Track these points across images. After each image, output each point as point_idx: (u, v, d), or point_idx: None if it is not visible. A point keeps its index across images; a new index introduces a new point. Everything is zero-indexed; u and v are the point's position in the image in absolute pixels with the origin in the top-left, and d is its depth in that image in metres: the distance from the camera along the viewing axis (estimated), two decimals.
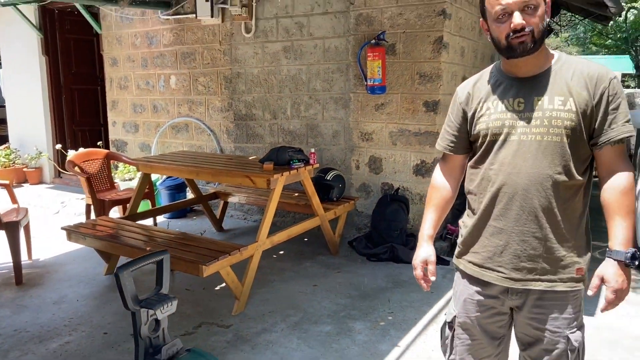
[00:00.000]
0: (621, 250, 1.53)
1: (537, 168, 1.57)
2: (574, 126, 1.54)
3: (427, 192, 1.87)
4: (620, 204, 1.56)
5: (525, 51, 1.51)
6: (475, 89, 1.70)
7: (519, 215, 1.61)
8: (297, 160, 3.75)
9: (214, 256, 3.07)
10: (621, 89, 1.57)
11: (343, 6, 4.54)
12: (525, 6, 1.48)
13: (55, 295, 3.65)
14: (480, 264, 1.71)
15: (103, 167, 4.85)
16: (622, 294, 1.56)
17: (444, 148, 1.80)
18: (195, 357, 1.90)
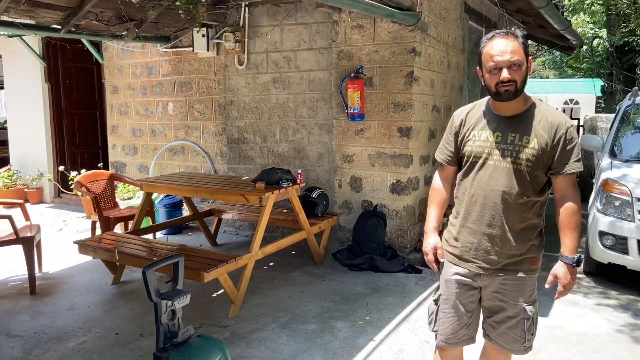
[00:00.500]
0: (569, 256, 2.07)
1: (505, 187, 2.08)
2: (534, 160, 2.04)
3: (429, 194, 2.36)
4: (569, 222, 2.07)
5: (509, 97, 2.01)
6: (467, 117, 2.21)
7: (489, 221, 2.12)
8: (286, 180, 4.24)
9: (214, 264, 3.52)
10: (575, 135, 2.07)
11: (326, 43, 5.10)
12: (512, 64, 1.96)
13: (67, 302, 4.05)
14: (459, 255, 2.23)
15: (107, 187, 5.28)
16: (569, 286, 2.11)
17: (442, 160, 2.30)
18: (205, 340, 2.34)
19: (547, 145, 2.03)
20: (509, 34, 2.00)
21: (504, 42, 1.97)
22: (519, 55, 1.96)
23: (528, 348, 2.28)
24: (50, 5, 4.44)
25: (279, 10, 5.27)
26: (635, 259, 4.34)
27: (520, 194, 2.08)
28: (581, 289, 4.57)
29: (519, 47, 1.98)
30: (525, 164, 2.05)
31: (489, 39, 2.04)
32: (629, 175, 4.61)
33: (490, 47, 1.99)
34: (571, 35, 7.49)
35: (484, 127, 2.14)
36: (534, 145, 2.04)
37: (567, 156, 2.05)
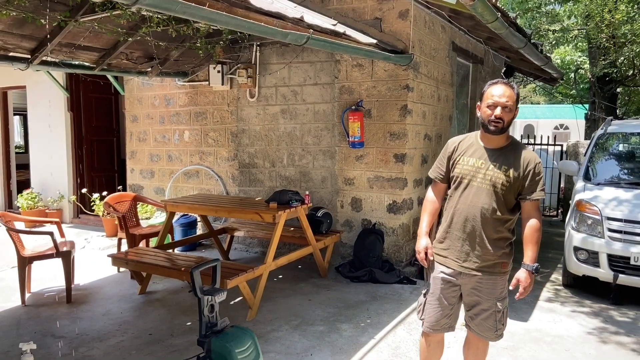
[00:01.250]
0: (530, 264, 2.59)
1: (484, 204, 2.60)
2: (508, 185, 2.58)
3: (423, 204, 2.89)
4: (532, 237, 2.60)
5: (496, 132, 2.56)
6: (459, 145, 2.74)
7: (470, 231, 2.64)
8: (296, 201, 4.80)
9: (235, 273, 4.05)
10: (542, 170, 2.61)
11: (329, 79, 5.74)
12: (505, 106, 2.52)
13: (101, 309, 4.55)
14: (445, 255, 2.75)
15: (131, 207, 5.83)
16: (528, 289, 2.62)
17: (435, 177, 2.84)
18: (238, 329, 2.85)
19: (519, 175, 2.57)
20: (509, 84, 2.57)
21: (504, 88, 2.55)
22: (512, 101, 2.53)
23: (499, 336, 2.80)
24: (89, 47, 5.07)
25: (287, 50, 5.93)
26: (606, 271, 4.88)
27: (495, 211, 2.59)
28: (559, 299, 5.10)
29: (514, 96, 2.55)
30: (500, 188, 2.58)
31: (493, 83, 2.61)
32: (600, 197, 5.20)
33: (494, 88, 2.56)
34: (551, 69, 8.18)
35: (472, 154, 2.67)
36: (509, 174, 2.57)
37: (534, 186, 2.59)
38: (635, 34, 9.38)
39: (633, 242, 4.77)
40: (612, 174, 5.73)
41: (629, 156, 6.09)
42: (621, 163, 5.96)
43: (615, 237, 4.85)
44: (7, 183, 9.07)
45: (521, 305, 4.87)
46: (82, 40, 4.88)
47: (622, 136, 6.19)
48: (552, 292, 5.33)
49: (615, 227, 4.87)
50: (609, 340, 4.12)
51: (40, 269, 5.42)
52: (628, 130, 6.20)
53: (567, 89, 14.71)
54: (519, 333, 4.21)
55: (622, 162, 5.98)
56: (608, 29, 9.84)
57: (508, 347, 3.92)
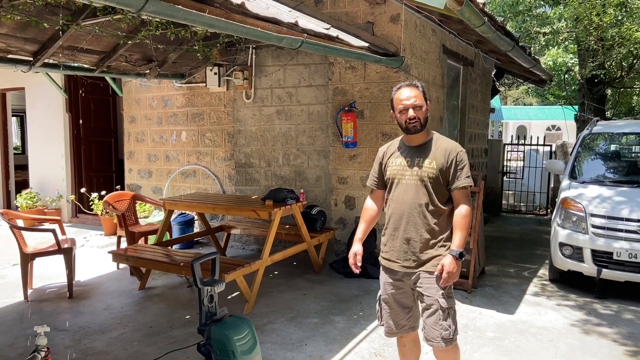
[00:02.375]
0: (455, 250, 2.58)
1: (413, 199, 2.65)
2: (434, 177, 2.63)
3: (361, 212, 2.93)
4: (459, 223, 2.61)
5: (416, 131, 2.64)
6: (387, 150, 2.82)
7: (405, 228, 2.67)
8: (291, 199, 4.97)
9: (232, 268, 4.21)
10: (465, 157, 2.67)
11: (323, 81, 5.91)
12: (415, 106, 2.61)
13: (102, 304, 4.70)
14: (388, 258, 2.75)
15: (130, 206, 5.97)
16: (452, 275, 2.56)
17: (370, 184, 2.89)
18: (236, 319, 3.00)
19: (443, 166, 2.62)
20: (412, 85, 2.66)
21: (409, 90, 2.63)
22: (420, 99, 2.62)
23: (447, 340, 2.64)
24: (90, 50, 5.21)
25: (282, 53, 6.09)
26: (590, 266, 5.07)
27: (427, 205, 2.62)
28: (545, 293, 5.29)
29: (420, 94, 2.64)
30: (428, 180, 2.61)
31: (397, 88, 2.68)
32: (584, 195, 5.39)
33: (399, 94, 2.65)
34: (539, 71, 8.40)
35: (399, 155, 2.73)
36: (433, 166, 2.62)
37: (459, 174, 2.63)
38: (623, 37, 9.60)
39: (615, 238, 4.96)
40: (596, 173, 5.93)
41: (613, 155, 6.30)
42: (605, 162, 6.17)
43: (599, 233, 5.04)
44: (5, 183, 9.19)
45: (508, 299, 5.06)
46: (83, 44, 5.02)
47: (607, 136, 6.40)
48: (538, 286, 5.51)
49: (598, 223, 5.05)
50: (592, 331, 4.30)
51: (42, 266, 5.56)
52: (613, 130, 6.41)
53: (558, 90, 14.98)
54: (505, 325, 4.39)
55: (607, 161, 6.19)
56: (596, 32, 10.05)
57: (494, 337, 4.10)
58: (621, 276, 4.95)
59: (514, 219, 9.86)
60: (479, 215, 5.32)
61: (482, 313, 4.65)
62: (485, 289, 5.35)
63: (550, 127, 27.09)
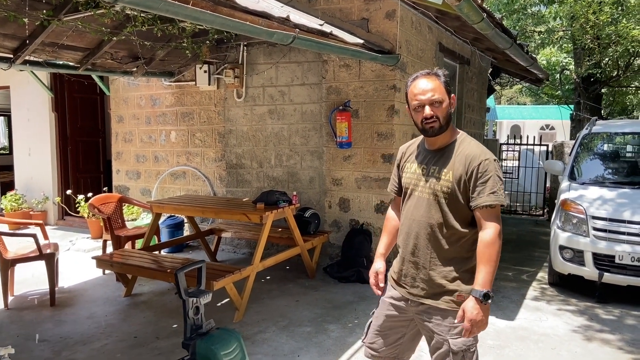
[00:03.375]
0: (477, 289, 2.01)
1: (424, 217, 2.16)
2: (450, 191, 2.10)
3: (384, 223, 2.54)
4: (483, 255, 2.03)
5: (434, 133, 2.12)
6: (407, 150, 2.36)
7: (413, 251, 2.21)
8: (283, 201, 4.78)
9: (221, 275, 4.02)
10: (492, 167, 2.07)
11: (317, 80, 5.73)
12: (433, 102, 2.08)
13: (86, 312, 4.49)
14: (396, 280, 2.33)
15: (116, 208, 5.76)
16: (476, 324, 2.01)
17: (390, 190, 2.47)
18: (224, 332, 2.83)
19: (461, 177, 2.08)
20: (431, 74, 2.12)
21: (425, 81, 2.10)
22: (439, 93, 2.08)
23: None
24: (73, 47, 5.00)
25: (275, 50, 5.90)
26: (591, 269, 4.93)
27: (441, 226, 2.12)
28: (545, 297, 5.14)
29: (440, 85, 2.10)
30: (442, 196, 2.10)
31: (412, 79, 2.16)
32: (585, 196, 5.25)
33: (414, 87, 2.13)
34: (536, 70, 8.26)
35: (415, 160, 2.26)
36: (448, 178, 2.10)
37: (481, 189, 2.06)
38: (620, 35, 9.50)
39: (617, 241, 4.83)
40: (596, 174, 5.79)
41: (613, 156, 6.16)
42: (606, 162, 6.03)
43: (600, 236, 4.91)
44: None
45: (507, 304, 4.91)
46: (65, 40, 4.81)
47: (606, 136, 6.27)
48: (538, 290, 5.37)
49: (599, 225, 4.92)
50: (594, 338, 4.15)
51: (25, 271, 5.34)
52: (612, 130, 6.28)
53: (552, 90, 14.90)
54: (505, 332, 4.23)
55: (607, 161, 6.05)
56: (592, 30, 9.96)
57: (494, 345, 3.94)
58: (623, 280, 4.82)
59: (510, 220, 9.73)
60: None
61: None
62: None
63: (544, 127, 27.10)
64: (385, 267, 2.41)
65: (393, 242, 2.47)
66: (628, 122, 6.91)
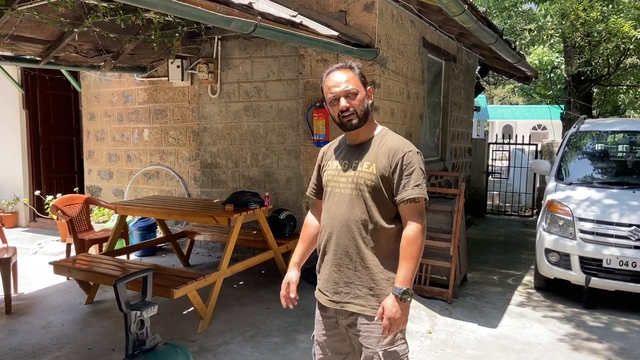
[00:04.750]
0: (397, 287, 1.93)
1: (347, 215, 2.03)
2: (373, 185, 2.00)
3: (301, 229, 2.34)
4: (405, 251, 1.96)
5: (353, 127, 2.04)
6: (328, 149, 2.24)
7: (335, 251, 2.07)
8: (254, 203, 4.52)
9: (183, 282, 3.75)
10: (415, 159, 2.01)
11: (293, 75, 5.46)
12: (348, 93, 2.01)
13: (42, 321, 4.21)
14: (319, 287, 2.17)
15: (82, 210, 5.47)
16: (395, 322, 1.92)
17: (309, 194, 2.32)
18: (171, 348, 2.57)
19: (385, 170, 2.00)
20: (345, 67, 2.06)
21: (339, 73, 2.04)
22: (354, 84, 2.02)
23: None
24: (32, 39, 4.70)
25: (250, 44, 5.64)
26: (578, 274, 4.72)
27: (364, 222, 2.01)
28: (530, 303, 4.92)
29: (354, 77, 2.04)
30: (366, 190, 2.00)
31: (327, 73, 2.09)
32: (572, 197, 5.04)
33: (328, 80, 2.06)
34: (524, 67, 8.04)
35: (336, 156, 2.15)
36: (372, 170, 2.01)
37: (405, 182, 1.98)
38: (610, 32, 9.31)
39: (605, 244, 4.63)
40: (584, 174, 5.58)
41: (601, 155, 5.96)
42: (594, 162, 5.82)
43: (587, 239, 4.71)
44: None
45: (490, 310, 4.68)
46: (23, 31, 4.52)
47: (595, 135, 6.05)
48: (524, 295, 5.15)
49: (587, 228, 4.72)
50: (581, 347, 3.94)
51: None
52: (601, 128, 6.07)
53: (544, 89, 14.75)
54: (486, 340, 4.00)
55: (595, 161, 5.84)
56: (583, 28, 9.76)
57: (474, 356, 3.71)
58: (611, 285, 4.62)
59: (499, 221, 9.53)
60: (459, 219, 4.93)
61: (462, 327, 4.26)
62: (467, 299, 4.97)
63: (536, 127, 26.98)
64: (298, 277, 2.25)
65: (310, 250, 2.32)
66: (617, 120, 6.71)
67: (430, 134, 7.02)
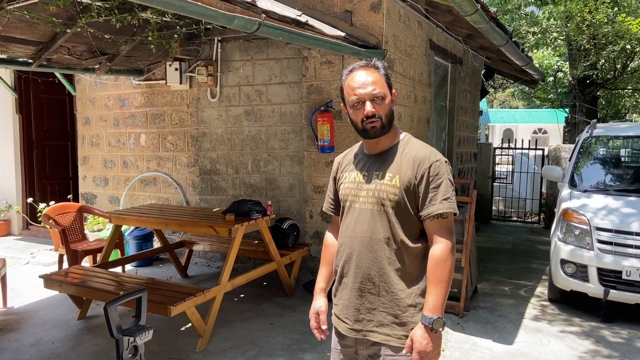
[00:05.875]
0: (427, 316, 1.73)
1: (368, 233, 1.82)
2: (397, 199, 1.78)
3: (322, 250, 2.13)
4: (433, 274, 1.75)
5: (376, 134, 1.82)
6: (344, 159, 2.02)
7: (355, 273, 1.85)
8: (256, 212, 4.29)
9: (181, 298, 3.51)
10: (444, 170, 1.80)
11: (296, 78, 5.25)
12: (374, 97, 1.79)
13: (31, 338, 3.96)
14: (337, 314, 1.95)
15: (76, 219, 5.23)
16: (426, 356, 1.73)
17: (326, 209, 2.09)
18: None
19: (410, 182, 1.79)
20: (370, 66, 1.85)
21: (364, 74, 1.82)
22: (381, 87, 1.81)
23: None
24: (23, 40, 4.48)
25: (251, 46, 5.42)
26: (596, 286, 4.49)
27: (388, 241, 1.81)
28: (546, 316, 4.69)
29: (381, 78, 1.83)
30: (389, 205, 1.80)
31: (349, 71, 1.87)
32: (588, 205, 4.81)
33: (352, 80, 1.83)
34: (532, 70, 7.84)
35: (354, 167, 1.94)
36: (395, 183, 1.80)
37: (433, 195, 1.78)
38: (618, 34, 9.12)
39: (624, 255, 4.40)
40: (599, 180, 5.36)
41: (617, 161, 5.74)
42: (609, 168, 5.60)
43: (606, 249, 4.48)
44: None
45: (505, 325, 4.45)
46: (13, 32, 4.30)
47: (608, 140, 5.84)
48: (538, 308, 4.92)
49: (605, 238, 4.50)
50: None
51: None
52: (614, 133, 5.85)
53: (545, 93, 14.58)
54: (503, 358, 3.77)
55: (610, 167, 5.62)
56: (589, 30, 9.58)
57: None
58: (631, 298, 4.39)
59: (505, 228, 9.30)
60: (471, 228, 4.70)
61: (476, 343, 4.02)
62: (479, 312, 4.73)
63: (536, 130, 26.82)
64: (327, 305, 2.02)
65: (331, 273, 2.07)
66: (631, 124, 6.49)
67: (437, 138, 6.81)
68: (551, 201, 8.57)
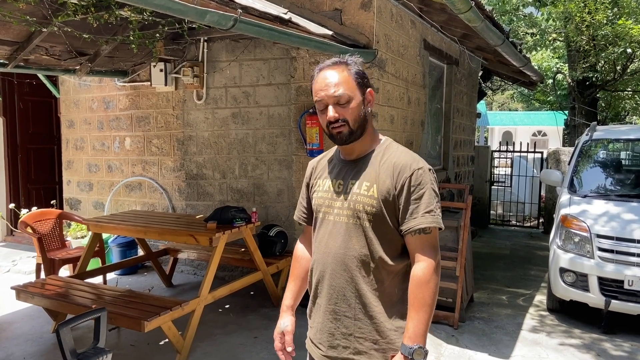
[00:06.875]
0: (407, 345, 1.54)
1: (342, 249, 1.62)
2: (375, 212, 1.59)
3: (291, 264, 1.94)
4: (415, 297, 1.56)
5: (344, 140, 1.63)
6: (318, 164, 1.82)
7: (329, 294, 1.66)
8: (240, 219, 4.09)
9: (156, 312, 3.30)
10: (427, 179, 1.60)
11: (285, 79, 5.05)
12: (338, 100, 1.59)
13: (2, 353, 3.75)
14: (312, 338, 1.76)
15: (55, 226, 5.03)
16: None
17: (297, 218, 1.90)
18: None
19: (389, 192, 1.60)
20: (339, 64, 1.64)
21: (330, 73, 1.62)
22: (347, 88, 1.60)
23: None
24: None
25: (238, 46, 5.22)
26: (596, 296, 4.29)
27: (364, 258, 1.61)
28: (544, 328, 4.49)
29: (348, 78, 1.61)
30: (366, 218, 1.60)
31: (318, 70, 1.67)
32: (588, 211, 4.61)
33: (316, 80, 1.65)
34: (530, 71, 7.65)
35: (329, 174, 1.74)
36: (372, 193, 1.60)
37: (414, 207, 1.58)
38: (618, 35, 8.94)
39: (626, 263, 4.21)
40: (600, 185, 5.16)
41: (617, 165, 5.54)
42: (610, 173, 5.40)
43: (607, 258, 4.28)
44: None
45: (502, 337, 4.24)
46: None
47: (608, 143, 5.64)
48: (536, 318, 4.72)
49: (606, 245, 4.30)
50: None
51: None
52: (615, 136, 5.65)
53: (544, 95, 14.42)
54: None
55: (611, 171, 5.42)
56: (588, 31, 9.40)
57: None
58: (634, 309, 4.19)
59: (503, 232, 9.10)
60: (466, 235, 4.50)
61: (471, 358, 3.83)
62: (475, 323, 4.53)
63: (536, 133, 26.65)
64: (294, 324, 1.83)
65: (303, 288, 1.87)
66: (632, 127, 6.30)
67: (432, 141, 6.61)
68: (550, 205, 8.36)
